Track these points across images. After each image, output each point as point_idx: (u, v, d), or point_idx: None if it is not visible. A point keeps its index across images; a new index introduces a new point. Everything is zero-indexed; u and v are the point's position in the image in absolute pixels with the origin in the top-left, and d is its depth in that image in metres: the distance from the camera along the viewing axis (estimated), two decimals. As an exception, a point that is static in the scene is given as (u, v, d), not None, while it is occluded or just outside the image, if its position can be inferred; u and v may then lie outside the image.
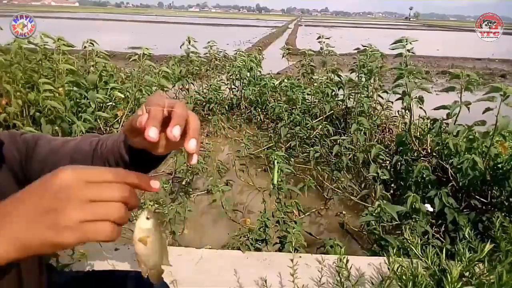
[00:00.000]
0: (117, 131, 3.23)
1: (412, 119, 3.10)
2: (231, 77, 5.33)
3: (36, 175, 0.64)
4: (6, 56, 2.96)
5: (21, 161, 0.71)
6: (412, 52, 2.86)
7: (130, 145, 0.64)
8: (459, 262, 1.22)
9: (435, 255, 1.32)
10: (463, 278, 1.22)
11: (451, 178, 2.47)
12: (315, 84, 4.64)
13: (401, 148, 3.05)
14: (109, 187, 0.40)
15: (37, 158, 0.71)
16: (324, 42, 4.45)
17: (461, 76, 2.43)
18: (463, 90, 2.47)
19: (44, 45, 3.21)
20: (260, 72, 5.59)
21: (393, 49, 2.93)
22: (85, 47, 3.70)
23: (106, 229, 0.39)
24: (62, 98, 2.90)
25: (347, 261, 1.42)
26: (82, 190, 0.39)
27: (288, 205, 2.31)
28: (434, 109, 2.60)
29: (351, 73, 4.05)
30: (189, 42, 5.01)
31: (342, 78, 4.21)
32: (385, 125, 4.13)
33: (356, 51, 3.99)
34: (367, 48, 3.81)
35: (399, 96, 2.91)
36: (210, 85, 5.20)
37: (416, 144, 3.01)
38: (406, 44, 2.84)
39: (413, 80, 2.78)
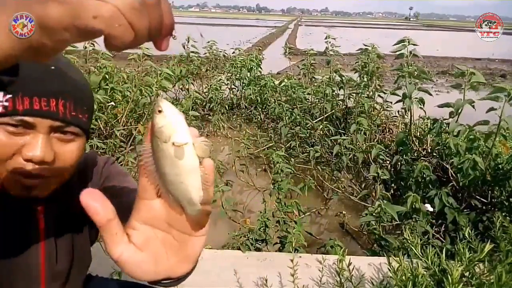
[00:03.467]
0: (118, 132, 3.22)
1: (412, 119, 3.10)
2: (231, 77, 5.33)
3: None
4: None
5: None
6: (415, 54, 2.85)
7: None
8: (459, 262, 1.22)
9: (435, 255, 1.32)
10: (463, 278, 1.21)
11: (452, 178, 2.47)
12: (316, 84, 4.64)
13: (401, 148, 3.05)
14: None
15: (109, 187, 0.75)
16: (329, 42, 4.43)
17: (466, 73, 2.42)
18: (467, 87, 2.46)
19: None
20: (260, 72, 5.59)
21: (395, 51, 2.92)
22: (85, 47, 3.70)
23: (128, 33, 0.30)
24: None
25: (350, 262, 1.42)
26: None
27: (288, 205, 2.31)
28: (439, 106, 2.59)
29: (355, 73, 4.04)
30: (188, 41, 5.01)
31: (343, 78, 4.21)
32: (385, 125, 4.13)
33: (359, 51, 3.98)
34: (369, 48, 3.80)
35: (400, 97, 2.91)
36: (210, 85, 5.20)
37: (416, 144, 3.01)
38: (408, 44, 2.83)
39: (414, 82, 2.78)
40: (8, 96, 0.57)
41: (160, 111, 0.35)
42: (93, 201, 0.35)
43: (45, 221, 0.70)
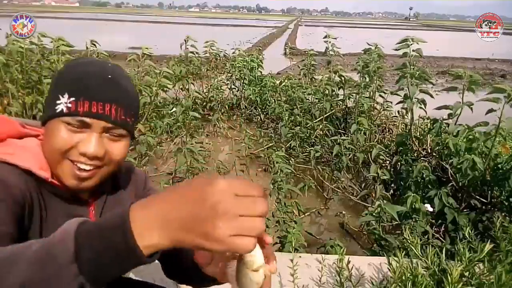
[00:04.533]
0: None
1: (413, 119, 3.10)
2: (231, 77, 5.33)
3: None
4: (7, 56, 2.96)
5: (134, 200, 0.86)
6: (418, 53, 2.84)
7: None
8: (459, 262, 1.22)
9: (435, 255, 1.32)
10: (463, 278, 1.22)
11: (451, 178, 2.47)
12: (316, 84, 4.64)
13: (401, 148, 3.05)
14: (254, 202, 0.44)
15: None
16: (330, 42, 4.42)
17: (463, 76, 2.42)
18: (465, 90, 2.46)
19: (43, 45, 3.22)
20: (261, 72, 5.59)
21: (398, 49, 2.91)
22: (87, 47, 3.70)
23: (249, 243, 0.43)
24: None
25: (349, 261, 1.42)
26: (234, 205, 0.42)
27: (288, 205, 2.31)
28: (436, 108, 2.59)
29: (357, 73, 4.03)
30: (186, 42, 5.00)
31: (343, 78, 4.20)
32: (385, 125, 4.13)
33: (362, 51, 3.97)
34: (373, 48, 3.79)
35: (400, 98, 2.91)
36: (210, 85, 5.20)
37: (416, 144, 3.01)
38: (412, 44, 2.83)
39: (415, 83, 2.77)
40: (72, 99, 0.68)
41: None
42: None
43: (95, 213, 0.82)
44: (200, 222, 0.42)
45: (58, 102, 0.69)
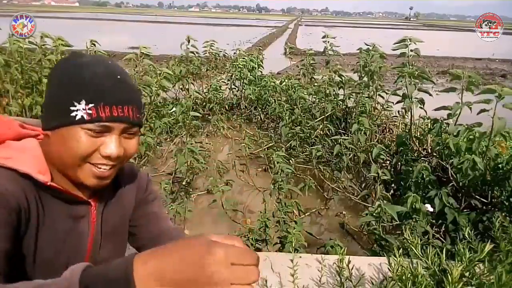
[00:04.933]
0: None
1: (413, 119, 3.10)
2: (231, 77, 5.33)
3: (134, 220, 0.92)
4: (8, 56, 2.96)
5: (135, 202, 0.92)
6: (416, 53, 2.85)
7: None
8: (459, 262, 1.22)
9: (435, 255, 1.32)
10: (463, 278, 1.21)
11: (451, 178, 2.47)
12: (316, 84, 4.63)
13: (402, 148, 3.05)
14: (247, 272, 0.47)
15: (144, 210, 0.94)
16: (328, 42, 4.42)
17: (462, 76, 2.42)
18: (464, 90, 2.46)
19: (44, 45, 3.22)
20: (261, 72, 5.59)
21: (395, 49, 2.91)
22: (87, 47, 3.70)
23: None
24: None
25: (349, 261, 1.42)
26: (228, 275, 0.46)
27: (288, 205, 2.31)
28: (435, 109, 2.59)
29: (354, 72, 4.04)
30: (189, 42, 5.00)
31: (343, 78, 4.20)
32: (385, 125, 4.13)
33: (358, 51, 3.97)
34: (370, 48, 3.79)
35: (400, 98, 2.91)
36: (210, 85, 5.20)
37: (417, 144, 3.01)
38: (410, 44, 2.83)
39: (414, 82, 2.77)
40: (91, 105, 0.68)
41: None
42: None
43: (96, 213, 0.83)
44: (196, 287, 0.47)
45: (73, 108, 0.68)
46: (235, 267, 0.47)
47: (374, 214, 2.08)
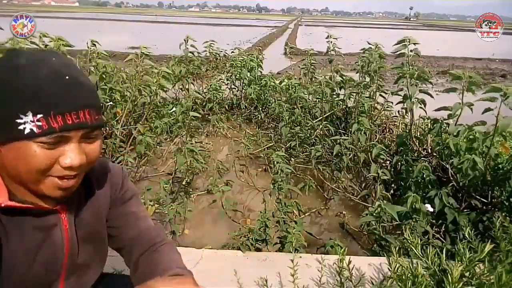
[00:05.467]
0: (117, 131, 3.22)
1: (413, 119, 3.10)
2: (231, 77, 5.32)
3: (111, 221, 0.89)
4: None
5: (110, 201, 0.89)
6: (415, 53, 2.84)
7: None
8: (460, 262, 1.22)
9: (435, 255, 1.32)
10: (463, 278, 1.21)
11: (452, 178, 2.47)
12: (316, 83, 4.63)
13: (402, 148, 3.05)
14: None
15: (121, 211, 0.90)
16: (331, 42, 4.41)
17: (463, 77, 2.42)
18: (464, 91, 2.46)
19: (45, 45, 3.21)
20: (261, 72, 5.59)
21: (395, 51, 2.91)
22: (88, 47, 3.70)
23: None
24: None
25: (350, 261, 1.42)
26: None
27: (288, 205, 2.31)
28: (436, 110, 2.59)
29: (356, 72, 4.04)
30: (186, 42, 5.00)
31: (344, 78, 4.20)
32: (385, 125, 4.13)
33: (362, 51, 3.97)
34: (372, 47, 3.79)
35: (401, 98, 2.90)
36: (210, 85, 5.20)
37: (417, 144, 3.00)
38: (409, 44, 2.83)
39: (415, 83, 2.77)
40: (39, 116, 0.61)
41: None
42: None
43: (68, 219, 0.79)
44: None
45: (20, 121, 0.61)
46: None
47: (374, 214, 2.08)
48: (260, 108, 5.05)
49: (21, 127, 0.61)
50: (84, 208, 0.82)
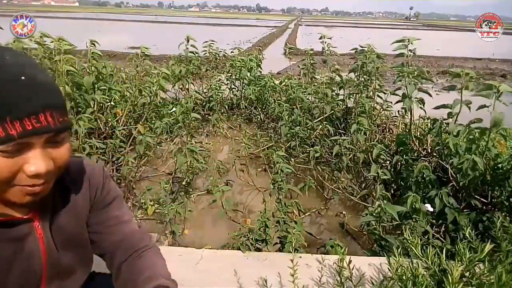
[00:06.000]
0: (119, 132, 3.22)
1: (413, 119, 3.10)
2: (231, 77, 5.33)
3: (93, 226, 0.84)
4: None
5: (90, 204, 0.84)
6: (414, 53, 2.85)
7: None
8: (460, 262, 1.22)
9: (436, 255, 1.32)
10: (464, 278, 1.21)
11: (451, 178, 2.47)
12: (316, 84, 4.63)
13: (402, 148, 3.05)
14: None
15: (102, 215, 0.85)
16: (325, 42, 4.42)
17: (462, 75, 2.43)
18: (463, 89, 2.47)
19: (45, 45, 3.22)
20: (261, 72, 5.59)
21: (395, 50, 2.91)
22: (87, 46, 3.69)
23: None
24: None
25: (350, 261, 1.42)
26: None
27: (288, 205, 2.31)
28: (435, 108, 2.59)
29: (349, 73, 4.05)
30: (187, 42, 5.00)
31: (343, 78, 4.20)
32: (385, 125, 4.13)
33: (353, 51, 3.98)
34: (365, 49, 3.79)
35: (400, 97, 2.91)
36: (210, 85, 5.20)
37: (417, 144, 3.00)
38: (408, 44, 2.83)
39: (414, 82, 2.77)
40: None
41: None
42: None
43: (42, 226, 0.74)
44: None
45: None
46: None
47: (374, 214, 2.08)
48: (260, 108, 5.05)
49: None
50: (61, 213, 0.77)
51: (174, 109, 3.64)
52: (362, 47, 3.84)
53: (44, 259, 0.74)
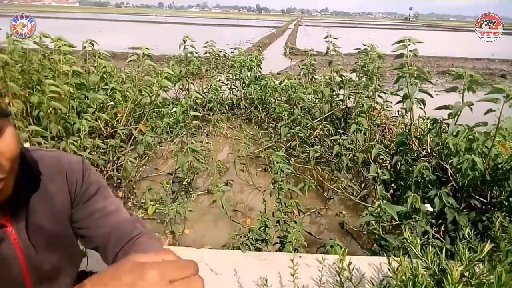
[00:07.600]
0: (122, 132, 3.22)
1: (412, 119, 3.10)
2: (231, 77, 5.33)
3: (78, 222, 0.80)
4: (13, 55, 2.97)
5: (71, 200, 0.79)
6: (415, 54, 2.85)
7: None
8: (459, 262, 1.22)
9: (435, 255, 1.32)
10: (463, 278, 1.22)
11: (451, 178, 2.47)
12: (316, 84, 4.63)
13: (401, 148, 3.05)
14: (190, 284, 0.42)
15: (86, 209, 0.81)
16: (331, 42, 4.40)
17: (464, 76, 2.42)
18: (465, 90, 2.46)
19: (46, 45, 3.22)
20: (260, 72, 5.59)
21: (394, 51, 2.92)
22: (84, 47, 3.70)
23: None
24: (65, 99, 2.91)
25: (350, 262, 1.42)
26: None
27: (288, 205, 2.31)
28: (437, 108, 2.59)
29: (351, 73, 4.05)
30: (184, 42, 5.00)
31: (343, 78, 4.20)
32: (385, 125, 4.13)
33: (356, 51, 3.97)
34: (368, 48, 3.79)
35: (400, 98, 2.91)
36: (210, 85, 5.21)
37: (416, 144, 3.01)
38: (409, 44, 2.83)
39: (414, 83, 2.77)
40: None
41: None
42: None
43: (16, 230, 0.70)
44: None
45: None
46: (176, 283, 0.42)
47: (374, 214, 2.08)
48: (260, 108, 5.06)
49: None
50: (38, 212, 0.72)
51: (174, 109, 3.64)
52: (365, 45, 3.84)
53: (24, 265, 0.70)
